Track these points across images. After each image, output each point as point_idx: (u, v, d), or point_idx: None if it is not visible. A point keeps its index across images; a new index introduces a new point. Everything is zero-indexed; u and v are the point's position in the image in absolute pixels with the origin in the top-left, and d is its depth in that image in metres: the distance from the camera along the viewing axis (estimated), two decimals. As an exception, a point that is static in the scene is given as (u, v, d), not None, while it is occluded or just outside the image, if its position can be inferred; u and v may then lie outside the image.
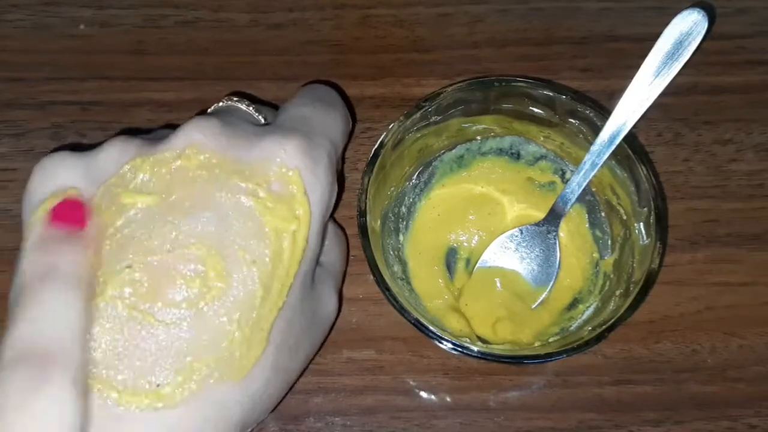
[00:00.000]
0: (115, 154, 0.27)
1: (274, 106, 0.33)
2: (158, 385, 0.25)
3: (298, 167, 0.27)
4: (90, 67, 0.42)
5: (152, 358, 0.25)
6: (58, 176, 0.27)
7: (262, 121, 0.31)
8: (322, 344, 0.32)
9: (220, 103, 0.32)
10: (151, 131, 0.30)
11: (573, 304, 0.36)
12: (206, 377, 0.25)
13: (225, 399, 0.26)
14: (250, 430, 0.29)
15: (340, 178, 0.30)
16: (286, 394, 0.30)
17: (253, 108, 0.31)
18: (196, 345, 0.25)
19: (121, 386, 0.24)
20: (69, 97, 0.41)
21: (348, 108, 0.34)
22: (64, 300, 0.24)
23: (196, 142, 0.27)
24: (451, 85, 0.35)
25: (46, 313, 0.24)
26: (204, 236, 0.26)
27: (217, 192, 0.26)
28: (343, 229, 0.36)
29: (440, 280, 0.36)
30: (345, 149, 0.35)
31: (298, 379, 0.31)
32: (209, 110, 0.32)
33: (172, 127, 0.28)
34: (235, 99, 0.32)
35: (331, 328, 0.33)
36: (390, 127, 0.34)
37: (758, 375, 0.36)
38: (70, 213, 0.26)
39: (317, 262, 0.30)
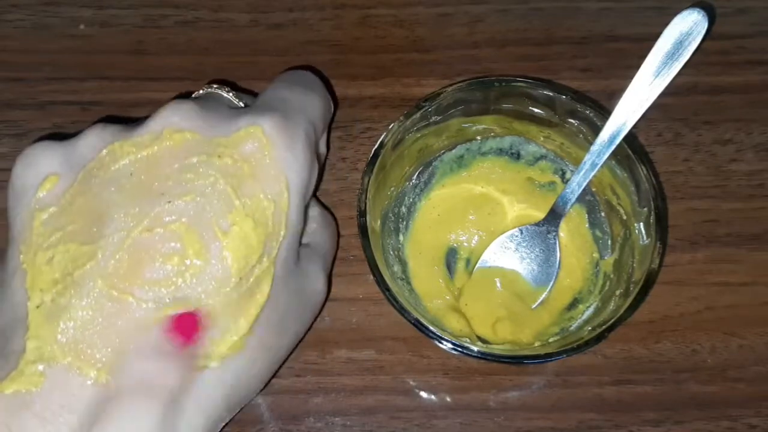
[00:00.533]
0: (93, 140, 0.28)
1: (256, 95, 0.33)
2: None
3: (274, 142, 0.28)
4: (90, 67, 0.42)
5: (132, 334, 0.25)
6: (39, 164, 0.28)
7: (242, 106, 0.32)
8: (312, 325, 0.32)
9: (201, 91, 0.32)
10: (133, 120, 0.30)
11: (573, 304, 0.36)
12: None
13: (207, 376, 0.26)
14: (237, 410, 0.29)
15: (321, 162, 0.31)
16: (275, 374, 0.30)
17: (233, 94, 0.32)
18: None
19: (100, 364, 0.25)
20: (69, 97, 0.41)
21: (331, 94, 0.34)
22: (154, 421, 0.25)
23: (173, 125, 0.27)
24: (451, 85, 0.35)
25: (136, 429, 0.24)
26: (182, 214, 0.26)
27: (194, 170, 0.27)
28: (331, 212, 0.36)
29: (440, 280, 0.36)
30: (329, 133, 0.35)
31: (286, 359, 0.31)
32: (191, 97, 0.32)
33: None
34: (215, 86, 0.32)
35: (321, 310, 0.33)
36: (390, 127, 0.34)
37: (758, 375, 0.36)
38: (187, 326, 0.26)
39: (300, 240, 0.30)
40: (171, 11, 0.43)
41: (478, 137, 0.37)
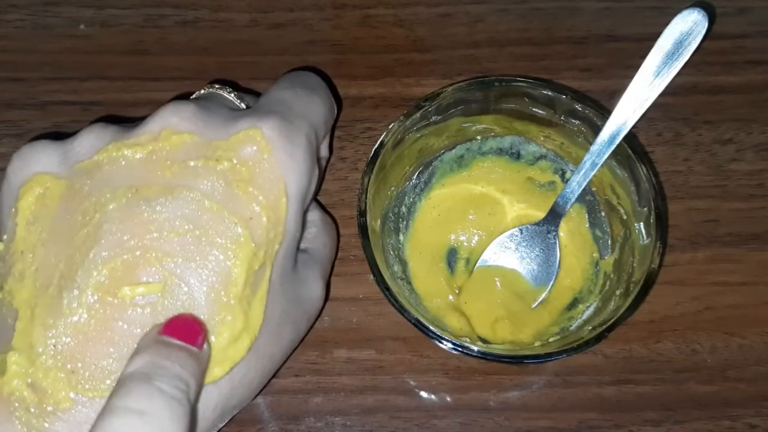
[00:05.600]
0: (91, 140, 0.27)
1: (258, 95, 0.33)
2: None
3: (273, 146, 0.27)
4: (90, 67, 0.42)
5: (126, 341, 0.25)
6: (35, 162, 0.27)
7: (243, 107, 0.31)
8: (309, 331, 0.32)
9: (202, 90, 0.32)
10: (133, 120, 0.30)
11: (573, 304, 0.36)
12: None
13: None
14: (230, 417, 0.28)
15: (323, 166, 0.30)
16: (270, 380, 0.30)
17: (235, 95, 0.31)
18: None
19: (87, 373, 0.24)
20: (69, 97, 0.41)
21: (334, 97, 0.33)
22: (172, 406, 0.22)
23: (171, 125, 0.27)
24: (451, 85, 0.35)
25: (154, 417, 0.21)
26: (179, 218, 0.26)
27: (192, 173, 0.26)
28: (332, 216, 0.36)
29: (441, 279, 0.36)
30: (332, 136, 0.35)
31: (282, 365, 0.30)
32: (191, 97, 0.32)
33: None
34: (216, 86, 0.32)
35: (318, 316, 0.32)
36: (390, 127, 0.34)
37: (758, 375, 0.36)
38: (188, 330, 0.24)
39: (298, 245, 0.30)
40: (171, 11, 0.43)
41: (478, 137, 0.37)
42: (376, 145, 0.33)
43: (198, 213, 0.26)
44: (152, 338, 0.24)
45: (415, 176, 0.37)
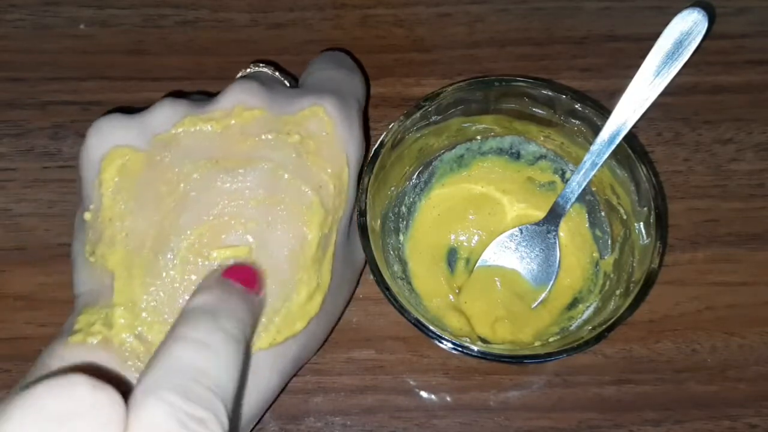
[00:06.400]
0: (167, 113, 0.29)
1: (291, 75, 0.35)
2: None
3: (335, 122, 0.30)
4: (90, 67, 0.42)
5: None
6: (113, 135, 0.29)
7: (288, 84, 0.33)
8: (352, 295, 0.34)
9: (248, 69, 0.34)
10: (189, 94, 0.32)
11: (573, 304, 0.36)
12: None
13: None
14: (300, 368, 0.31)
15: (367, 135, 0.33)
16: (325, 340, 0.32)
17: (279, 74, 0.34)
18: None
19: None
20: (69, 97, 0.41)
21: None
22: (231, 345, 0.22)
23: (242, 102, 0.29)
24: (451, 84, 0.35)
25: (213, 351, 0.22)
26: (257, 187, 0.28)
27: (265, 145, 0.28)
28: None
29: (441, 279, 0.36)
30: (366, 110, 0.37)
31: (335, 326, 0.33)
32: (238, 75, 0.34)
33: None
34: (261, 65, 0.34)
35: (360, 276, 0.35)
36: (390, 126, 0.34)
37: (758, 375, 0.36)
38: (247, 277, 0.26)
39: (352, 213, 0.32)
40: (171, 11, 0.43)
41: (478, 137, 0.37)
42: (376, 145, 0.33)
43: (274, 182, 0.28)
44: (215, 279, 0.25)
45: (415, 176, 0.37)
